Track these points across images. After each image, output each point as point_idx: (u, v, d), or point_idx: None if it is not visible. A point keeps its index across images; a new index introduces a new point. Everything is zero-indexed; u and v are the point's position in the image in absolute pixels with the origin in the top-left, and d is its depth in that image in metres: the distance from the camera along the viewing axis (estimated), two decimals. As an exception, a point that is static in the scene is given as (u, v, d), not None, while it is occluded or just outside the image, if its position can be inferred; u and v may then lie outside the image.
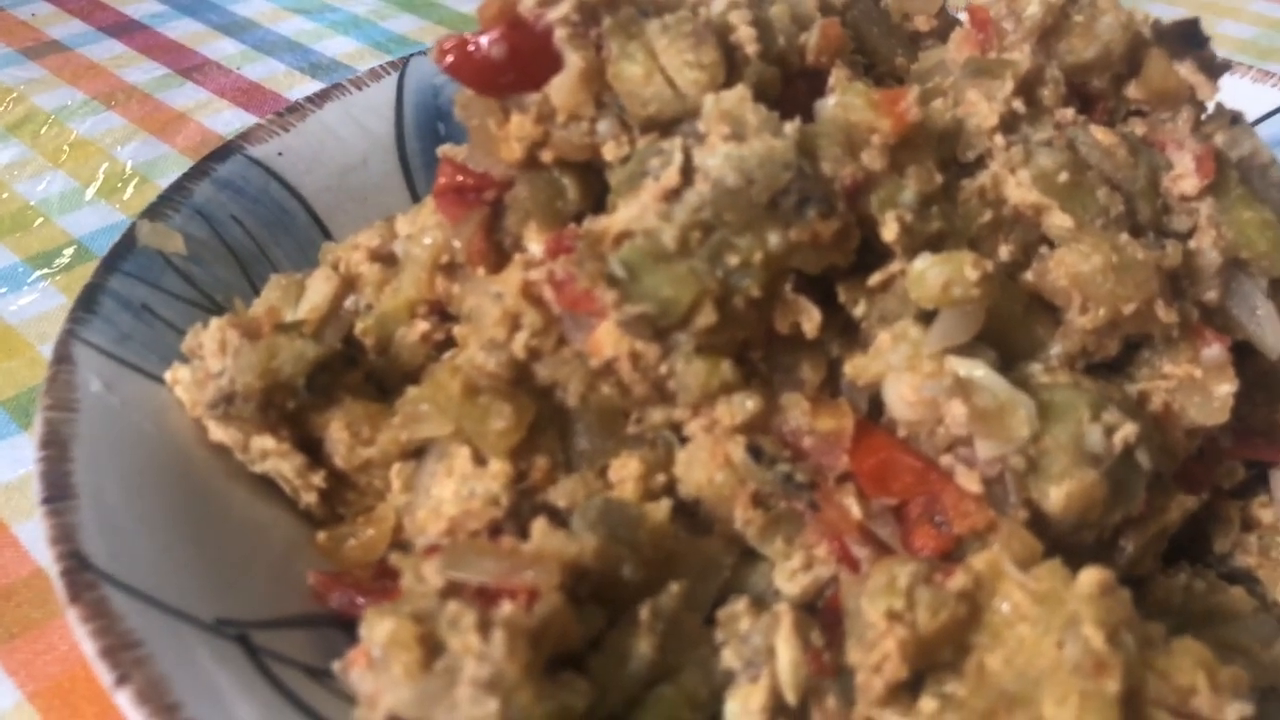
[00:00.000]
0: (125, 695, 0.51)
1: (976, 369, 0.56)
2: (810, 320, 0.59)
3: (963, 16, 0.73)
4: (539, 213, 0.64)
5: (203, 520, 0.64)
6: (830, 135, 0.58)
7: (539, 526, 0.55)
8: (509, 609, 0.50)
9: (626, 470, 0.61)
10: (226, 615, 0.58)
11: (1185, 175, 0.64)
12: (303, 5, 1.57)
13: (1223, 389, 0.62)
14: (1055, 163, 0.62)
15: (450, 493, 0.61)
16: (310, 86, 1.35)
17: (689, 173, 0.57)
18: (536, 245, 0.63)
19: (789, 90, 0.64)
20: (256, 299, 0.75)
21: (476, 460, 0.61)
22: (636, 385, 0.61)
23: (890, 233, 0.58)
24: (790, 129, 0.58)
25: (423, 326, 0.69)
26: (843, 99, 0.60)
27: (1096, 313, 0.60)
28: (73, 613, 0.54)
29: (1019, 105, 0.65)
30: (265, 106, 1.30)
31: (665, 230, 0.56)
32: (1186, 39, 0.67)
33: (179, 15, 1.54)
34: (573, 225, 0.63)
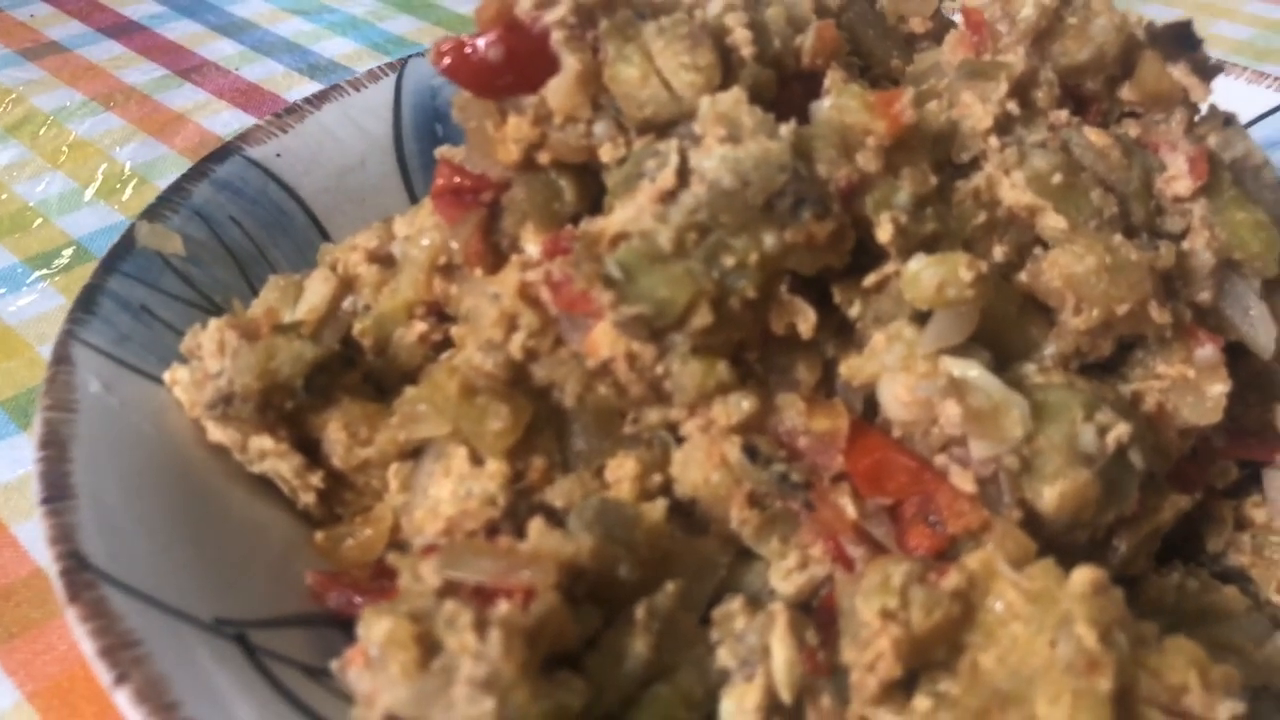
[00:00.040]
0: (124, 694, 0.51)
1: (971, 369, 0.56)
2: (805, 321, 0.59)
3: (957, 19, 0.73)
4: (536, 214, 0.64)
5: (201, 520, 0.64)
6: (825, 137, 0.59)
7: (536, 526, 0.55)
8: (506, 608, 0.50)
9: (623, 470, 0.61)
10: (225, 615, 0.58)
11: (1178, 177, 0.65)
12: (301, 6, 1.56)
13: (1216, 389, 0.62)
14: (1049, 164, 0.62)
15: (447, 493, 0.61)
16: (309, 88, 1.35)
17: (685, 174, 0.57)
18: (533, 246, 0.63)
19: (784, 92, 0.64)
20: (255, 300, 0.75)
21: (474, 460, 0.61)
22: (633, 386, 0.61)
23: (885, 234, 0.58)
24: (786, 131, 0.58)
25: (420, 327, 0.69)
26: (838, 101, 0.60)
27: (1090, 313, 0.60)
28: (72, 612, 0.54)
29: (1013, 107, 0.65)
30: (264, 107, 1.30)
31: (661, 232, 0.56)
32: (1180, 41, 0.67)
33: (178, 16, 1.54)
34: (569, 226, 0.63)
